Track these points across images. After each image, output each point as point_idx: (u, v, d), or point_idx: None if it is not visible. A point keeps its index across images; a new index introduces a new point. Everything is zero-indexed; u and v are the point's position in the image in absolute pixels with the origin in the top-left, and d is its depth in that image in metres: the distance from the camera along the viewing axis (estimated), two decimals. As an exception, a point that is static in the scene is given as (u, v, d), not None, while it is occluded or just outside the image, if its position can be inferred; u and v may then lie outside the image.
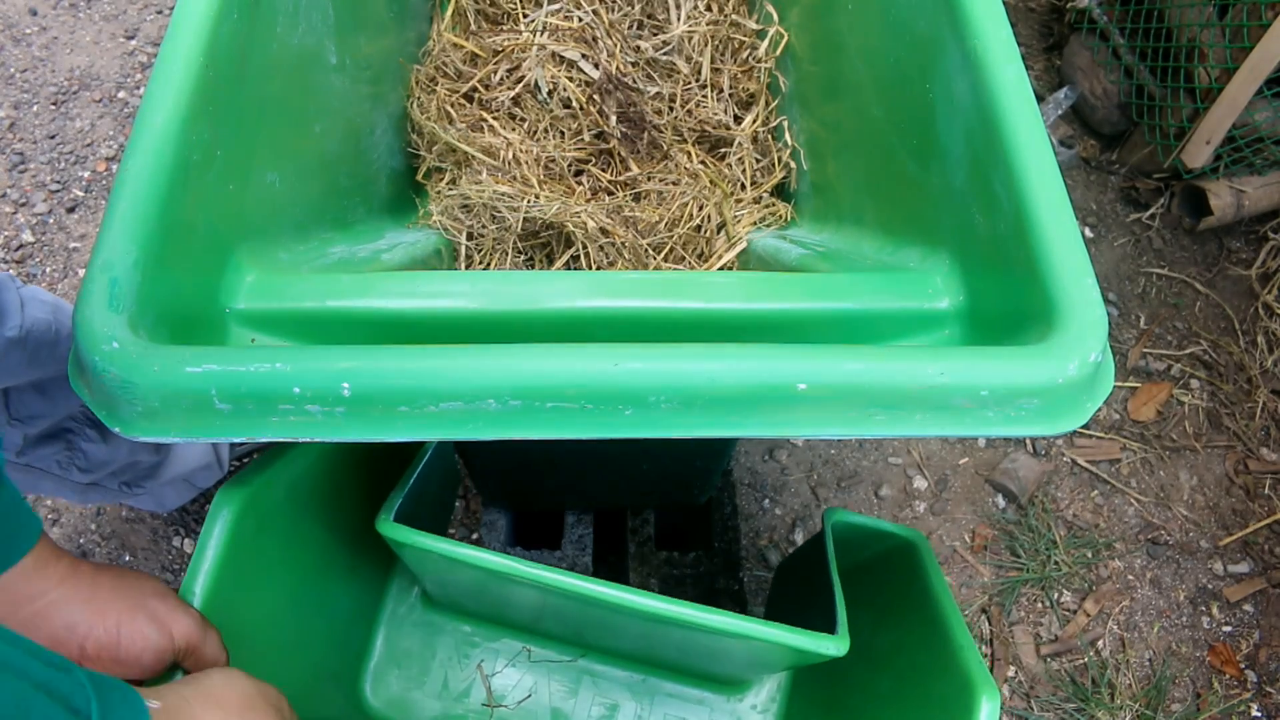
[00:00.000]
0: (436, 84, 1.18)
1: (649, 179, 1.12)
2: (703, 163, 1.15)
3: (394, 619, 1.02)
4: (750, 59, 1.21)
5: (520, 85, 1.14)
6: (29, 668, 0.46)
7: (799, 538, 1.51)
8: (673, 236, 1.07)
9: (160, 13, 2.00)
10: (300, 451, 0.81)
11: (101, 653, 0.63)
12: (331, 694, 0.94)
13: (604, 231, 1.04)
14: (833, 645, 0.72)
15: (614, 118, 1.12)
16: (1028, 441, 1.61)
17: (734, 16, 1.21)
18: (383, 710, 1.00)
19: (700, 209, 1.09)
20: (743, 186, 1.15)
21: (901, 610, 0.89)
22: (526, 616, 0.96)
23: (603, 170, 1.13)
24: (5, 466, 1.02)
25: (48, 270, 1.67)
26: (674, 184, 1.10)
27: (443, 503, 1.14)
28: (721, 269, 1.07)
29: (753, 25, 1.21)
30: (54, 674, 0.47)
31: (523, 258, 1.09)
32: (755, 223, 1.11)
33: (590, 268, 1.04)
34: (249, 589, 0.74)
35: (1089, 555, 1.51)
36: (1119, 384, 1.68)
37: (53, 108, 1.84)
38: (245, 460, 1.45)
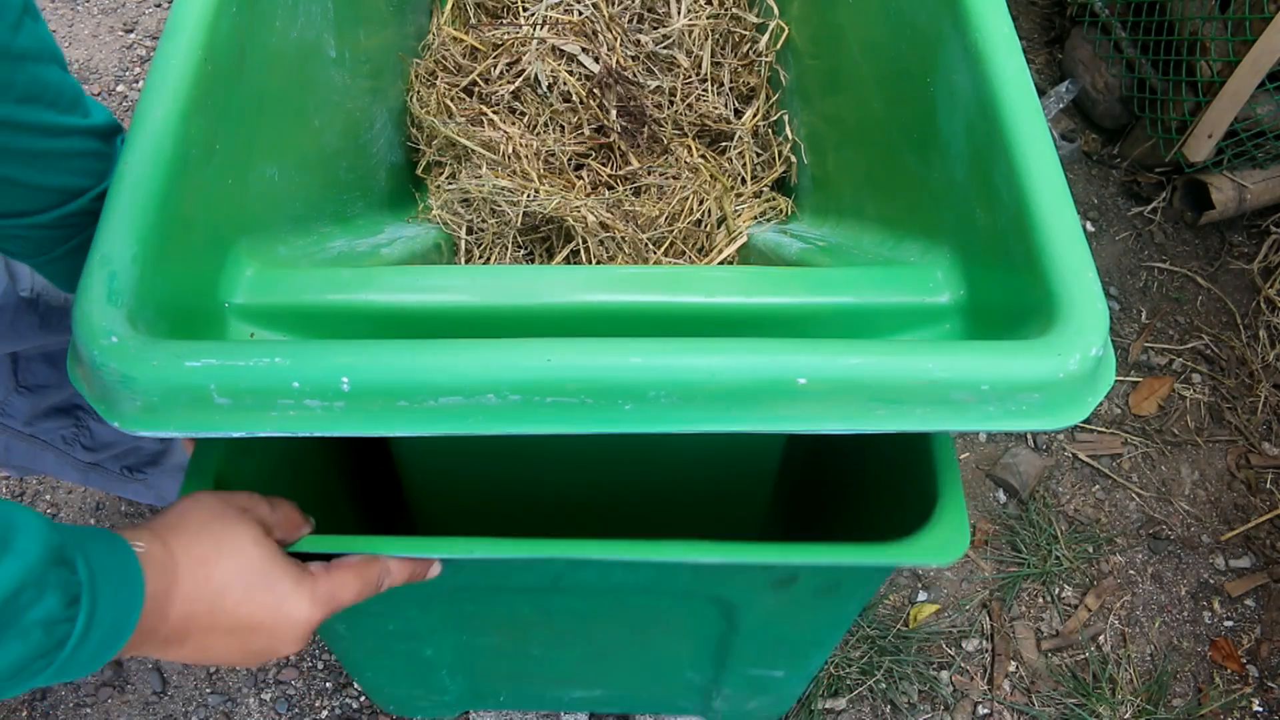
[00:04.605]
0: (436, 78, 1.18)
1: (649, 173, 1.11)
2: (703, 157, 1.15)
3: None
4: (751, 53, 1.21)
5: (520, 79, 1.13)
6: None
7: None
8: (673, 231, 1.06)
9: (159, 6, 2.00)
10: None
11: None
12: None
13: (604, 226, 1.04)
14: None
15: (614, 112, 1.12)
16: (1028, 436, 1.61)
17: (734, 10, 1.21)
18: None
19: (700, 203, 1.09)
20: (743, 181, 1.15)
21: None
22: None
23: (603, 164, 1.13)
24: (10, 435, 1.02)
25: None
26: (674, 178, 1.10)
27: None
28: (722, 264, 1.07)
29: (753, 19, 1.21)
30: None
31: (522, 252, 1.08)
32: (755, 217, 1.11)
33: (590, 262, 1.04)
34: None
35: (1090, 550, 1.51)
36: (1120, 378, 1.68)
37: (52, 102, 1.84)
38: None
